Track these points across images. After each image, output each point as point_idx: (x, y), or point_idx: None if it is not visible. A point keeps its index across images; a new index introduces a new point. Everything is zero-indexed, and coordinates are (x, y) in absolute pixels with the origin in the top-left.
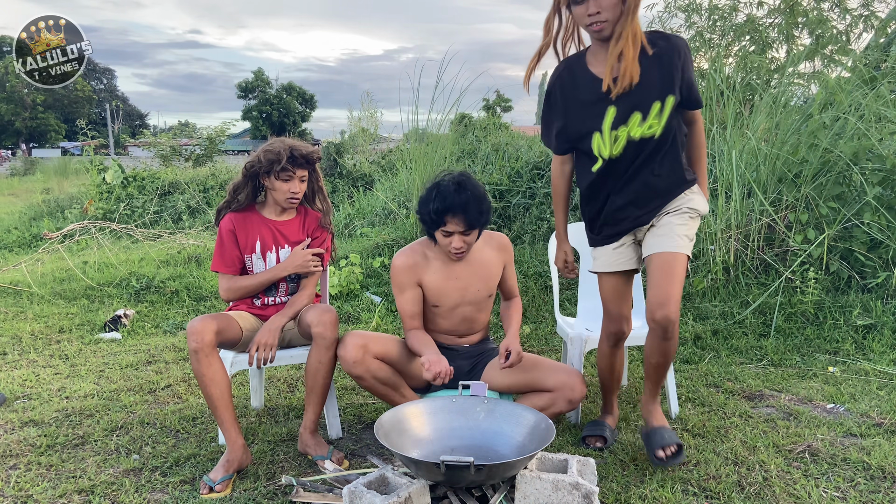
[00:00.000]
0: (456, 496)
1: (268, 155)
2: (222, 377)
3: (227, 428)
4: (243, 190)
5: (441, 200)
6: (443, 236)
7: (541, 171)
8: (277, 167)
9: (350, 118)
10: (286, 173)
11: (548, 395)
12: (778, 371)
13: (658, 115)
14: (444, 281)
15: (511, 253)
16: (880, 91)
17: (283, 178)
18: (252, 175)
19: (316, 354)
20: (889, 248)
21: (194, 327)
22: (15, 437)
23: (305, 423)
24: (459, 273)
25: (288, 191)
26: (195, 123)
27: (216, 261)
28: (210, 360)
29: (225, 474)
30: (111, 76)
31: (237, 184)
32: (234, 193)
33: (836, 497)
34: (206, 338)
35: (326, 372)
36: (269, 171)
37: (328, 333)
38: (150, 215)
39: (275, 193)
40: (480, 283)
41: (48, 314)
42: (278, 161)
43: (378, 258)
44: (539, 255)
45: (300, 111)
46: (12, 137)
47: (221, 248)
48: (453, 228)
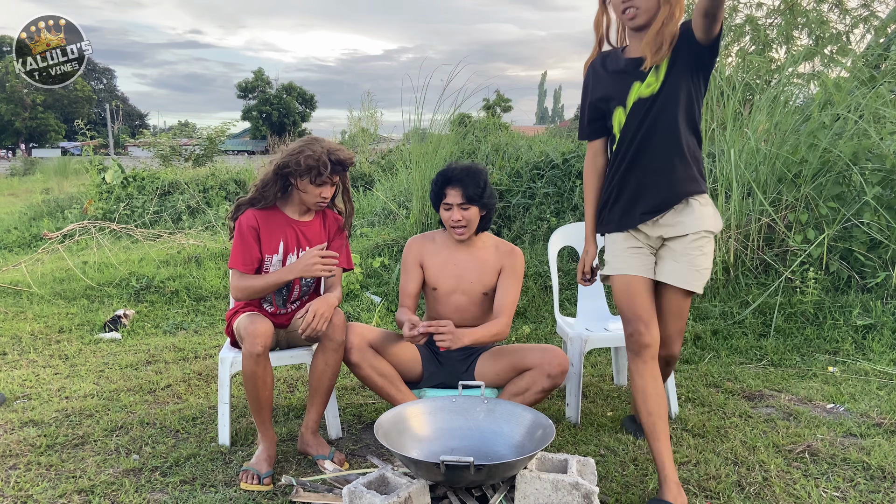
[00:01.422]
0: (456, 496)
1: (308, 161)
2: (272, 380)
3: (268, 427)
4: (272, 188)
5: (443, 174)
6: (444, 210)
7: (541, 172)
8: (315, 174)
9: (350, 118)
10: (321, 178)
11: (528, 374)
12: (778, 371)
13: (655, 72)
14: (444, 265)
15: (514, 262)
16: (880, 91)
17: (318, 183)
18: (284, 175)
19: (322, 356)
20: (889, 248)
21: (257, 329)
22: (15, 437)
23: (307, 422)
24: (458, 261)
25: (319, 195)
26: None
27: (235, 258)
28: (267, 363)
29: (269, 469)
30: (111, 76)
31: (266, 181)
32: (263, 191)
33: (836, 497)
34: (268, 342)
35: (332, 374)
36: (306, 175)
37: (336, 336)
38: (150, 215)
39: (305, 196)
40: (475, 275)
41: (48, 314)
42: (318, 170)
43: (378, 258)
44: (539, 255)
45: (300, 111)
46: (12, 137)
47: (243, 246)
48: (452, 200)
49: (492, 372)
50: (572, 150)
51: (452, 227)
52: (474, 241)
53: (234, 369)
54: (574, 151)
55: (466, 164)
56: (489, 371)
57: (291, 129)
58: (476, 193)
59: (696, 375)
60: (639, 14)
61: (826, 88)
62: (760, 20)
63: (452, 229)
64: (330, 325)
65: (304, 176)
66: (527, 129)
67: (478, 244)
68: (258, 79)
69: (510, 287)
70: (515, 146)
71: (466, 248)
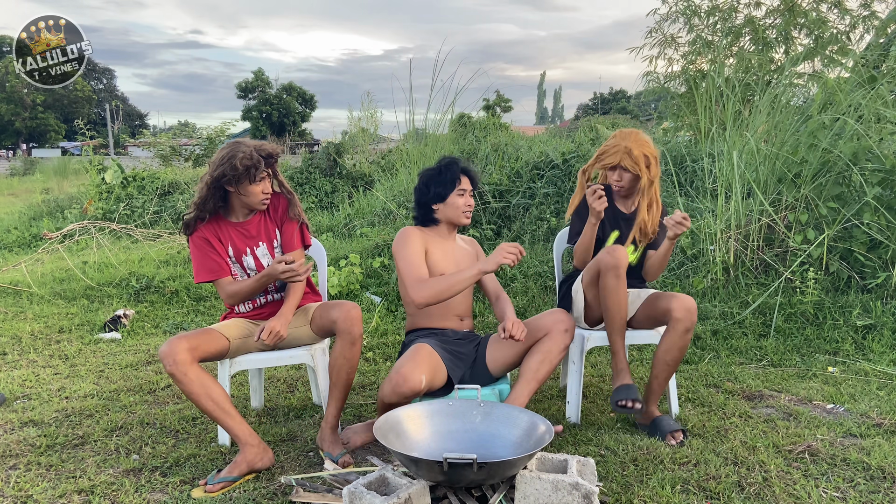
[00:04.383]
0: (456, 496)
1: (244, 162)
2: (211, 387)
3: (235, 433)
4: (210, 202)
5: (454, 162)
6: (458, 196)
7: (540, 172)
8: (255, 172)
9: (350, 118)
10: (259, 174)
11: (546, 338)
12: (778, 371)
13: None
14: (446, 254)
15: (479, 248)
16: (880, 91)
17: (257, 181)
18: (219, 187)
19: (340, 350)
20: (888, 248)
21: (163, 351)
22: (15, 438)
23: (327, 417)
24: (454, 250)
25: (261, 192)
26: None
27: (199, 271)
28: (190, 377)
29: (228, 475)
30: (111, 76)
31: (203, 198)
32: (202, 209)
33: (836, 497)
34: (179, 357)
35: (350, 367)
36: (244, 178)
37: (354, 329)
38: (150, 215)
39: (247, 198)
40: (468, 263)
41: (48, 314)
42: (256, 167)
43: (378, 258)
44: (539, 255)
45: (300, 111)
46: (12, 137)
47: (201, 257)
48: (466, 186)
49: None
50: (572, 150)
51: (464, 213)
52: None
53: (234, 369)
54: (574, 151)
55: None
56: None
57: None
58: (477, 183)
59: (696, 376)
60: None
61: (826, 89)
62: (761, 22)
63: (463, 214)
64: (345, 318)
65: (243, 179)
66: (526, 129)
67: (452, 237)
68: (258, 79)
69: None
70: (515, 146)
71: (451, 239)
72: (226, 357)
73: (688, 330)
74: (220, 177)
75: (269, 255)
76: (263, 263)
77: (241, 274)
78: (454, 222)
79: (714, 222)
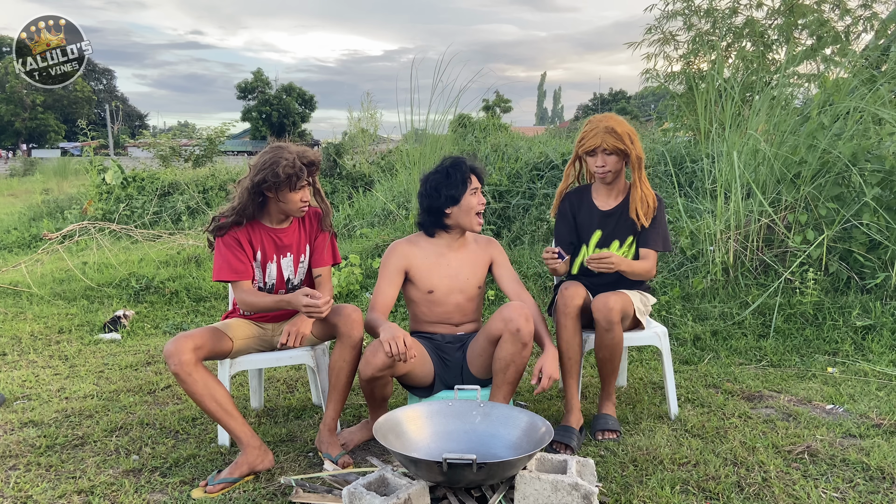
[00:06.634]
0: (455, 497)
1: (286, 170)
2: (214, 388)
3: (237, 434)
4: (250, 207)
5: (461, 162)
6: (471, 195)
7: (540, 172)
8: (296, 181)
9: (350, 119)
10: (300, 183)
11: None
12: (777, 372)
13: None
14: (435, 267)
15: (500, 249)
16: (879, 92)
17: (297, 189)
18: (258, 192)
19: (340, 352)
20: (888, 248)
21: (168, 350)
22: (14, 438)
23: (325, 419)
24: (449, 261)
25: (300, 200)
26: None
27: (222, 269)
28: (194, 377)
29: (229, 476)
30: (111, 76)
31: (244, 204)
32: (241, 214)
33: (836, 498)
34: (184, 357)
35: (350, 370)
36: (284, 185)
37: (354, 333)
38: (150, 216)
39: (286, 205)
40: (469, 272)
41: (48, 315)
42: (298, 175)
43: (378, 259)
44: (538, 255)
45: (300, 112)
46: (12, 138)
47: (228, 255)
48: (476, 184)
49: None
50: (571, 150)
51: (478, 214)
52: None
53: (234, 370)
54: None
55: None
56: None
57: (291, 130)
58: (484, 180)
59: (696, 376)
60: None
61: (825, 89)
62: (761, 22)
63: (478, 215)
64: (346, 322)
65: (284, 186)
66: (526, 130)
67: (461, 241)
68: (258, 79)
69: (511, 270)
70: (515, 147)
71: (454, 247)
72: (228, 357)
73: (607, 330)
74: (261, 182)
75: (293, 267)
76: (285, 274)
77: (260, 278)
78: (466, 229)
79: (713, 223)
